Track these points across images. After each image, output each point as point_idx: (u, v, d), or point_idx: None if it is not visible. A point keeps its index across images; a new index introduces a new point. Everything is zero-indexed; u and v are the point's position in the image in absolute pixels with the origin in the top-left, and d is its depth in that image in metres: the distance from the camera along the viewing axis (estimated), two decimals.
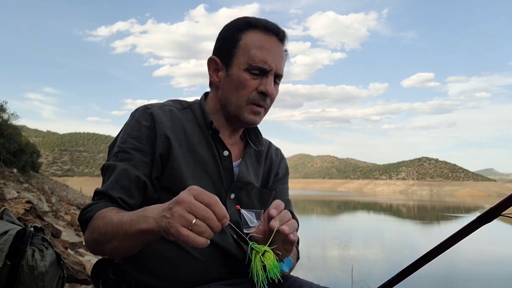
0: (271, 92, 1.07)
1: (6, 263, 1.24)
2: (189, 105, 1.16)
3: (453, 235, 0.97)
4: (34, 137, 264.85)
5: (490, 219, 0.91)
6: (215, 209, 0.75)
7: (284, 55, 1.13)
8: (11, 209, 2.61)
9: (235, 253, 1.08)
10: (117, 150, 1.05)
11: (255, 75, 1.07)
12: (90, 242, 0.97)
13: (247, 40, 1.09)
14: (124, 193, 0.99)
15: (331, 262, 11.67)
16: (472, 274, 11.01)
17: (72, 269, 2.15)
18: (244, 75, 1.07)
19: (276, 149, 1.32)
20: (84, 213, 0.98)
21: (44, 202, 7.98)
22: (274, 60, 1.07)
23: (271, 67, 1.07)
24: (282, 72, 1.11)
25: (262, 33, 1.10)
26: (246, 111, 1.09)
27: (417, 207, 61.04)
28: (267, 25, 1.11)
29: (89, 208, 0.98)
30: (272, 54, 1.08)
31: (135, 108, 1.12)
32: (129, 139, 1.05)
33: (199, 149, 1.08)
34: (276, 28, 1.11)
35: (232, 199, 1.10)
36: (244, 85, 1.07)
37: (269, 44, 1.09)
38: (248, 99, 1.08)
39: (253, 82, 1.07)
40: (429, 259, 1.02)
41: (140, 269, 1.05)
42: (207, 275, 1.04)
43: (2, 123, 18.36)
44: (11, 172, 14.10)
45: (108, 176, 1.02)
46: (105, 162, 1.07)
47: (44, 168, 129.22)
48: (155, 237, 0.84)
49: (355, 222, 30.87)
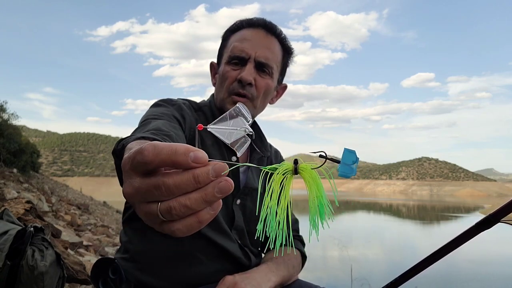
0: (245, 78, 1.04)
1: (6, 263, 1.24)
2: (199, 107, 1.16)
3: (451, 241, 0.96)
4: (34, 137, 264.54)
5: (490, 226, 0.89)
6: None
7: (273, 44, 1.11)
8: (11, 209, 2.61)
9: (239, 257, 1.07)
10: (143, 120, 0.91)
11: (235, 65, 1.07)
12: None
13: (233, 38, 1.11)
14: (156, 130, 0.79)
15: (331, 262, 11.66)
16: (472, 274, 11.00)
17: (72, 269, 2.15)
18: (225, 67, 1.08)
19: (275, 152, 1.32)
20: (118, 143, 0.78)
21: (44, 202, 7.97)
22: (253, 47, 1.06)
23: (249, 54, 1.06)
24: (267, 60, 1.08)
25: (248, 29, 1.11)
26: (228, 103, 1.08)
27: (417, 207, 60.97)
28: (254, 20, 1.11)
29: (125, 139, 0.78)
30: (253, 43, 1.07)
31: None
32: (156, 113, 0.95)
33: (212, 152, 1.06)
34: (263, 21, 1.11)
35: (238, 204, 1.09)
36: (226, 77, 1.08)
37: (251, 35, 1.09)
38: (228, 90, 1.07)
39: (234, 72, 1.07)
40: (426, 265, 1.00)
41: (140, 269, 1.05)
42: (208, 277, 1.03)
43: (2, 123, 18.32)
44: (11, 172, 14.07)
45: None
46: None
47: (44, 168, 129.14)
48: None
49: (355, 222, 30.83)
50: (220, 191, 0.38)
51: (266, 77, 1.09)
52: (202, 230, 1.02)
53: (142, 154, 0.38)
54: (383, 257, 14.24)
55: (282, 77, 1.20)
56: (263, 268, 1.02)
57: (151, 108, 1.03)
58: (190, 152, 0.37)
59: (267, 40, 1.10)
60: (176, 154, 0.37)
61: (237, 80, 1.06)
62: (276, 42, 1.12)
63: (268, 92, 1.11)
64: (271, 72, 1.09)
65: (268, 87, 1.10)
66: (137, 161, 0.39)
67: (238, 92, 1.06)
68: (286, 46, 1.15)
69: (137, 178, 0.40)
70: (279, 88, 1.21)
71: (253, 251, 1.15)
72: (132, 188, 0.40)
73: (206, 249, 1.04)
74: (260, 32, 1.10)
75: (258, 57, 1.06)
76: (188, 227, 0.39)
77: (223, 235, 1.05)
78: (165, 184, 0.38)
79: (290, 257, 1.13)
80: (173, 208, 0.38)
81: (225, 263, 1.06)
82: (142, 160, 0.38)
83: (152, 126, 0.81)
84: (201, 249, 1.03)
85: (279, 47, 1.13)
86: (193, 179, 0.37)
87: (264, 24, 1.10)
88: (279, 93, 1.23)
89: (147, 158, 0.38)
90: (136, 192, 0.40)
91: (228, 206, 1.08)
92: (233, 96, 1.06)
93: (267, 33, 1.10)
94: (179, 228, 0.39)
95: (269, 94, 1.13)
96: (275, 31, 1.11)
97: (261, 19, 1.12)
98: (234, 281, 0.92)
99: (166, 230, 0.40)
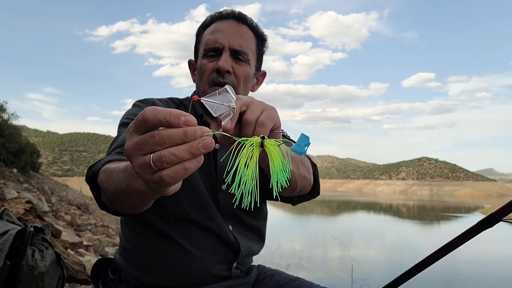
0: (223, 66, 1.06)
1: (6, 263, 1.24)
2: (181, 102, 1.19)
3: (452, 240, 0.95)
4: (34, 137, 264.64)
5: (491, 225, 0.89)
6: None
7: (245, 33, 1.13)
8: (11, 209, 2.61)
9: (231, 240, 1.08)
10: (119, 125, 1.07)
11: (211, 57, 1.10)
12: (105, 198, 0.78)
13: (206, 32, 1.14)
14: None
15: (331, 262, 11.67)
16: (471, 274, 11.00)
17: (72, 269, 2.15)
18: (202, 61, 1.11)
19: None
20: (89, 170, 0.83)
21: (44, 202, 7.97)
22: (226, 37, 1.09)
23: (222, 44, 1.08)
24: (241, 48, 1.10)
25: (219, 21, 1.13)
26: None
27: (417, 207, 60.98)
28: (224, 13, 1.14)
29: (94, 165, 0.83)
30: (225, 33, 1.10)
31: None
32: (130, 116, 1.08)
33: None
34: (232, 12, 1.14)
35: (223, 190, 1.10)
36: (204, 69, 1.10)
37: (223, 26, 1.12)
38: (209, 81, 1.09)
39: (211, 64, 1.09)
40: (427, 265, 1.00)
41: (139, 268, 1.05)
42: (205, 273, 1.04)
43: (2, 123, 18.33)
44: (11, 172, 14.09)
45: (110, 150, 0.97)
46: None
47: (44, 168, 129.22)
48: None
49: (355, 222, 30.85)
50: (204, 146, 0.48)
51: (243, 64, 1.10)
52: (193, 218, 1.03)
53: (143, 114, 0.48)
54: (382, 257, 14.25)
55: (259, 64, 1.22)
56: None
57: (129, 109, 1.13)
58: (182, 116, 0.48)
59: (239, 29, 1.12)
60: (171, 116, 0.48)
61: (215, 70, 1.08)
62: (248, 30, 1.14)
63: (247, 79, 1.13)
64: (247, 59, 1.11)
65: (246, 74, 1.11)
66: (139, 121, 0.49)
67: (218, 81, 1.07)
68: (258, 33, 1.17)
69: (136, 135, 0.50)
70: (258, 75, 1.23)
71: (247, 235, 1.14)
72: (132, 143, 0.50)
73: (201, 241, 1.04)
74: (231, 23, 1.12)
75: (232, 45, 1.08)
76: (175, 172, 0.48)
77: (213, 220, 1.06)
78: (159, 134, 0.47)
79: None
80: (163, 155, 0.47)
81: (218, 248, 1.06)
82: (143, 119, 0.48)
83: (120, 141, 0.95)
84: (197, 243, 1.04)
85: (252, 35, 1.15)
86: (182, 133, 0.47)
87: (234, 15, 1.13)
88: (259, 80, 1.25)
89: (147, 117, 0.48)
90: (135, 145, 0.49)
91: (213, 193, 1.09)
92: (214, 87, 1.08)
93: (238, 23, 1.13)
94: (167, 173, 0.48)
95: (249, 81, 1.14)
96: (245, 20, 1.14)
97: (231, 10, 1.15)
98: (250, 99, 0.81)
99: (156, 178, 0.48)
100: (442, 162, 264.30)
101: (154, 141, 0.47)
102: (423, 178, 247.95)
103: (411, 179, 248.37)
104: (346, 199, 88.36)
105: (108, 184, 0.71)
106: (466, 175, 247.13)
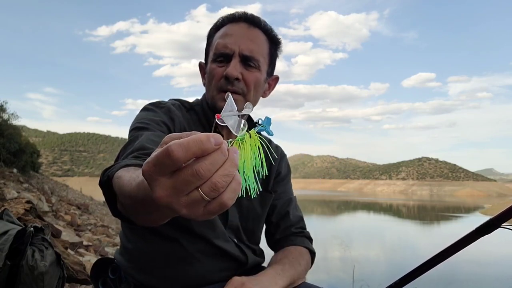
0: (231, 73, 1.03)
1: (6, 263, 1.24)
2: (191, 107, 1.16)
3: (450, 246, 0.94)
4: (34, 137, 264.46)
5: (490, 231, 0.88)
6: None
7: (257, 36, 1.09)
8: (11, 209, 2.61)
9: (236, 254, 1.08)
10: (132, 128, 0.98)
11: (221, 62, 1.06)
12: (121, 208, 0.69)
13: (217, 35, 1.10)
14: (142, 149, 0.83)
15: (331, 262, 11.66)
16: (471, 274, 11.00)
17: (72, 269, 2.15)
18: (212, 66, 1.08)
19: (276, 147, 1.30)
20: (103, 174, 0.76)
21: (44, 202, 7.97)
22: (236, 42, 1.05)
23: (232, 50, 1.05)
24: (251, 53, 1.06)
25: (230, 24, 1.10)
26: (218, 100, 1.07)
27: (417, 207, 60.97)
28: (236, 15, 1.10)
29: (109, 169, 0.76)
30: (235, 37, 1.06)
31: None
32: (144, 119, 0.99)
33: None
34: (245, 15, 1.10)
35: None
36: (213, 74, 1.07)
37: (234, 30, 1.08)
38: (217, 87, 1.07)
39: (220, 69, 1.06)
40: (423, 271, 1.00)
41: (139, 269, 1.05)
42: (206, 277, 1.04)
43: (2, 123, 18.33)
44: (11, 172, 14.08)
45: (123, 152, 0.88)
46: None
47: (44, 168, 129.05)
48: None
49: (355, 222, 30.82)
50: (238, 154, 0.44)
51: (253, 71, 1.07)
52: (198, 231, 1.03)
53: (170, 156, 0.40)
54: (382, 257, 14.24)
55: (272, 69, 1.18)
56: (269, 272, 1.02)
57: (141, 112, 1.05)
58: (211, 138, 0.41)
59: (250, 33, 1.08)
60: (203, 143, 0.41)
61: (224, 77, 1.05)
62: (260, 34, 1.10)
63: (258, 85, 1.10)
64: (258, 65, 1.08)
65: (257, 80, 1.08)
66: (166, 164, 0.41)
67: (227, 89, 1.04)
68: (271, 37, 1.13)
69: (166, 179, 0.41)
70: (270, 80, 1.19)
71: (250, 247, 1.15)
72: (167, 189, 0.41)
73: (203, 249, 1.04)
74: (242, 26, 1.08)
75: (242, 50, 1.05)
76: (233, 190, 0.43)
77: (218, 234, 1.06)
78: (202, 167, 0.41)
79: (296, 256, 1.13)
80: (217, 182, 0.41)
81: (222, 261, 1.06)
82: (173, 161, 0.40)
83: (137, 145, 0.85)
84: (199, 249, 1.04)
85: (264, 38, 1.11)
86: (222, 155, 0.42)
87: (246, 17, 1.09)
88: (271, 85, 1.21)
89: (177, 156, 0.40)
90: (173, 191, 0.41)
91: None
92: (223, 93, 1.05)
93: (250, 26, 1.09)
94: (228, 196, 0.43)
95: (259, 87, 1.11)
96: (258, 23, 1.10)
97: (243, 12, 1.10)
98: (241, 282, 0.92)
99: (215, 208, 0.43)
100: (442, 162, 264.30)
101: (199, 177, 0.41)
102: (423, 178, 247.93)
103: (411, 179, 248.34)
104: (346, 199, 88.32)
105: (122, 197, 0.61)
106: (466, 175, 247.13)
